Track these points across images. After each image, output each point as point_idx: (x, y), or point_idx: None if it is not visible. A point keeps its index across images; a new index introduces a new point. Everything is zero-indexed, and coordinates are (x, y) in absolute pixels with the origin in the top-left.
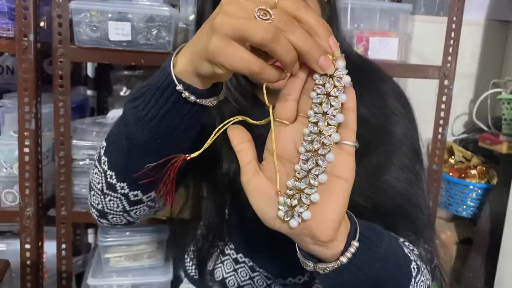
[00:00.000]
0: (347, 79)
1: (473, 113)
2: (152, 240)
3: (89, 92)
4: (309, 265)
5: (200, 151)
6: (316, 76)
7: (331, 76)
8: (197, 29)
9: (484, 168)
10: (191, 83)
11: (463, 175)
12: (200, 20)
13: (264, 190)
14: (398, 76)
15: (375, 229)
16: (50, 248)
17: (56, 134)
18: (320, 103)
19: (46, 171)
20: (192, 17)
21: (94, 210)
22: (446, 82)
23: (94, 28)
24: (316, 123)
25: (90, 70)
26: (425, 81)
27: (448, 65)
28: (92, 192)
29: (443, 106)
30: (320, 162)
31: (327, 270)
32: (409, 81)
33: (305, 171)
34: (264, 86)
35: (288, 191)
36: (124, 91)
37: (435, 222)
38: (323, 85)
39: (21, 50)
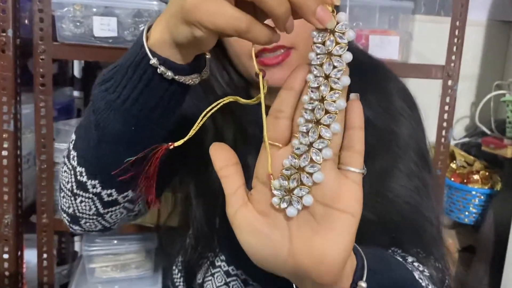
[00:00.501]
0: (351, 34)
1: (476, 116)
2: (140, 249)
3: (75, 93)
4: None
5: (185, 139)
6: (314, 33)
7: (332, 32)
8: None
9: (487, 173)
10: (168, 56)
11: (465, 181)
12: None
13: (253, 225)
14: (399, 76)
15: (382, 259)
16: (32, 256)
17: (37, 136)
18: (321, 65)
19: (26, 176)
20: None
21: (65, 215)
22: (450, 82)
23: (78, 23)
24: (317, 88)
25: (76, 70)
26: (426, 81)
27: (452, 64)
28: (62, 194)
29: (446, 107)
30: (323, 133)
31: None
32: (409, 82)
33: (305, 145)
34: (252, 49)
35: (284, 171)
36: None
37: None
38: (323, 43)
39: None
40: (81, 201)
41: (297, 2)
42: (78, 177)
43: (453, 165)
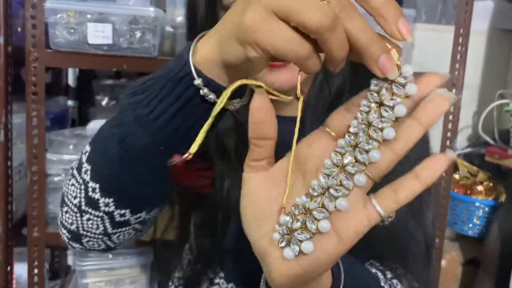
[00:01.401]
0: (412, 89)
1: (479, 126)
2: (135, 264)
3: (69, 103)
4: None
5: (199, 142)
6: (373, 81)
7: (392, 82)
8: (189, 27)
9: (491, 184)
10: (213, 76)
11: (468, 192)
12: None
13: (262, 193)
14: None
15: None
16: (22, 271)
17: (28, 146)
18: (367, 112)
19: (17, 188)
20: (179, 18)
21: (65, 231)
22: (454, 91)
23: (72, 30)
24: (355, 135)
25: (71, 79)
26: None
27: (456, 73)
28: (66, 209)
29: (450, 117)
30: (344, 181)
31: None
32: None
33: (322, 188)
34: (298, 75)
35: (293, 209)
36: (106, 101)
37: (442, 245)
38: (378, 92)
39: None
40: (89, 219)
41: (361, 47)
42: (90, 193)
43: (456, 176)
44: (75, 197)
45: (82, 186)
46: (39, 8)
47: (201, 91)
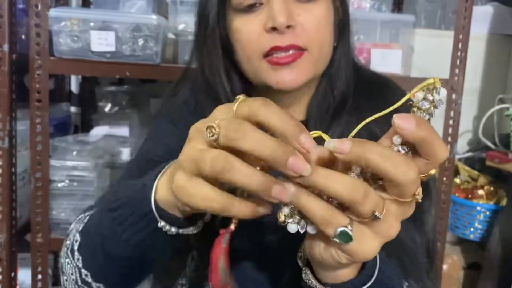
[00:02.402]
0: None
1: (479, 130)
2: None
3: (72, 109)
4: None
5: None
6: (395, 137)
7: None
8: (198, 25)
9: (492, 188)
10: (174, 213)
11: (469, 196)
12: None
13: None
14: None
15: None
16: (26, 276)
17: (32, 153)
18: None
19: (21, 194)
20: (181, 26)
21: None
22: (454, 96)
23: (75, 38)
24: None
25: (74, 85)
26: None
27: (456, 78)
28: (65, 277)
29: (451, 121)
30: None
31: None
32: None
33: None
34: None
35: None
36: (109, 108)
37: (443, 249)
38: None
39: None
40: None
41: (265, 158)
42: (83, 277)
43: (457, 180)
44: (72, 274)
45: (76, 269)
46: (43, 17)
47: (163, 229)
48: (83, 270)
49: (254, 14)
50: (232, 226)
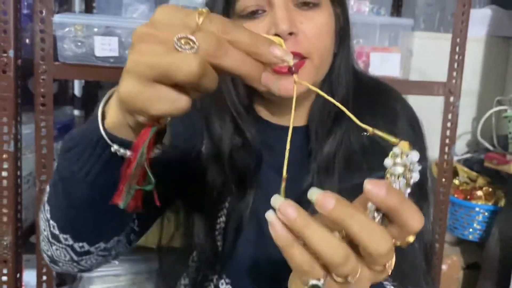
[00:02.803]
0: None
1: (477, 132)
2: (141, 271)
3: (76, 112)
4: None
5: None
6: (369, 205)
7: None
8: None
9: (490, 189)
10: (126, 136)
11: (468, 197)
12: None
13: None
14: (401, 93)
15: None
16: (31, 277)
17: (37, 156)
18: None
19: (27, 197)
20: None
21: (45, 255)
22: (452, 99)
23: (79, 43)
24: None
25: (77, 89)
26: (428, 98)
27: (454, 81)
28: (41, 237)
29: (449, 124)
30: None
31: None
32: (410, 98)
33: None
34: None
35: None
36: None
37: (442, 250)
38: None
39: (0, 67)
40: (56, 249)
41: (243, 76)
42: (52, 229)
43: (456, 181)
44: (44, 230)
45: (46, 223)
46: (47, 22)
47: (118, 153)
48: (51, 222)
49: (257, 20)
50: (161, 122)
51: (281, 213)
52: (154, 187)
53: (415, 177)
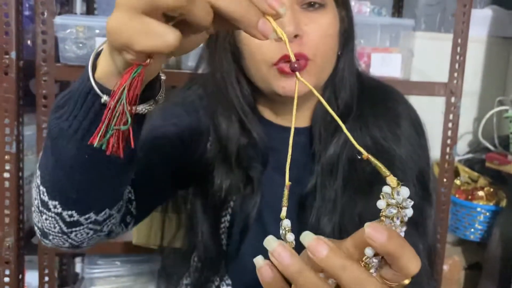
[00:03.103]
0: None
1: (479, 132)
2: (143, 271)
3: None
4: None
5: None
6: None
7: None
8: (209, 37)
9: (492, 190)
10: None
11: (469, 197)
12: None
13: None
14: (402, 94)
15: None
16: (33, 278)
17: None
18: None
19: (28, 198)
20: None
21: (36, 228)
22: (453, 99)
23: (81, 45)
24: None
25: None
26: (429, 98)
27: (455, 81)
28: (33, 208)
29: (450, 124)
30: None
31: None
32: (411, 99)
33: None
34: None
35: None
36: None
37: (444, 250)
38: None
39: (2, 68)
40: (46, 219)
41: (235, 18)
42: (41, 196)
43: (457, 182)
44: (35, 199)
45: (37, 190)
46: (49, 24)
47: (103, 98)
48: (41, 188)
49: None
50: (148, 61)
51: (274, 257)
52: (157, 167)
53: (409, 213)
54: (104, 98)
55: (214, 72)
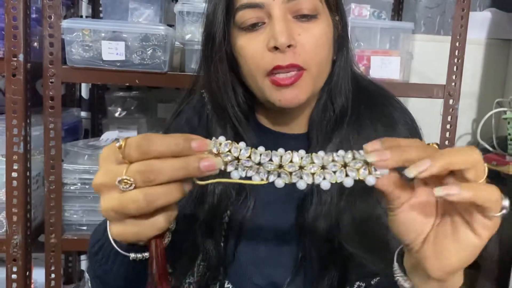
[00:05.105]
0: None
1: (477, 133)
2: None
3: (82, 114)
4: None
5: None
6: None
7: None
8: (205, 42)
9: None
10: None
11: None
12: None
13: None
14: (401, 96)
15: None
16: (40, 275)
17: (46, 157)
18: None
19: (35, 197)
20: (188, 36)
21: None
22: (451, 101)
23: (87, 47)
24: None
25: (84, 91)
26: (427, 100)
27: (453, 84)
28: None
29: (448, 126)
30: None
31: None
32: (410, 101)
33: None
34: None
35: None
36: (119, 113)
37: None
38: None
39: (10, 70)
40: None
41: (183, 176)
42: None
43: None
44: None
45: None
46: (56, 27)
47: (136, 258)
48: None
49: (257, 32)
50: (166, 241)
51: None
52: None
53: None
54: (132, 256)
55: (210, 81)
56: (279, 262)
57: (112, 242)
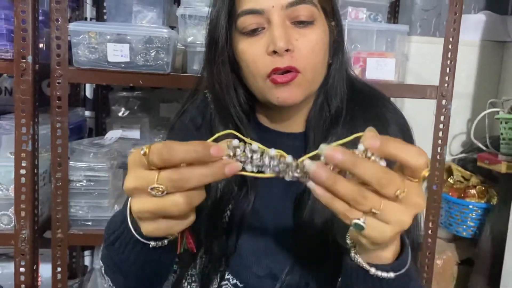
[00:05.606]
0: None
1: (471, 133)
2: None
3: (87, 113)
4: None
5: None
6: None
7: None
8: (209, 46)
9: (483, 188)
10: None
11: (462, 195)
12: (211, 36)
13: None
14: (395, 96)
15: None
16: (45, 271)
17: (53, 155)
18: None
19: (42, 193)
20: (190, 38)
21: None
22: (444, 102)
23: (93, 49)
24: None
25: (88, 91)
26: (422, 101)
27: (446, 85)
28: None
29: (441, 126)
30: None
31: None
32: (405, 101)
33: None
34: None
35: None
36: (122, 112)
37: (434, 245)
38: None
39: (19, 71)
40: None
41: (207, 176)
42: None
43: (451, 180)
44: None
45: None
46: (63, 30)
47: (156, 245)
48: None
49: (258, 37)
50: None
51: (328, 158)
52: None
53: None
54: (152, 244)
55: (213, 83)
56: (278, 254)
57: (134, 232)
